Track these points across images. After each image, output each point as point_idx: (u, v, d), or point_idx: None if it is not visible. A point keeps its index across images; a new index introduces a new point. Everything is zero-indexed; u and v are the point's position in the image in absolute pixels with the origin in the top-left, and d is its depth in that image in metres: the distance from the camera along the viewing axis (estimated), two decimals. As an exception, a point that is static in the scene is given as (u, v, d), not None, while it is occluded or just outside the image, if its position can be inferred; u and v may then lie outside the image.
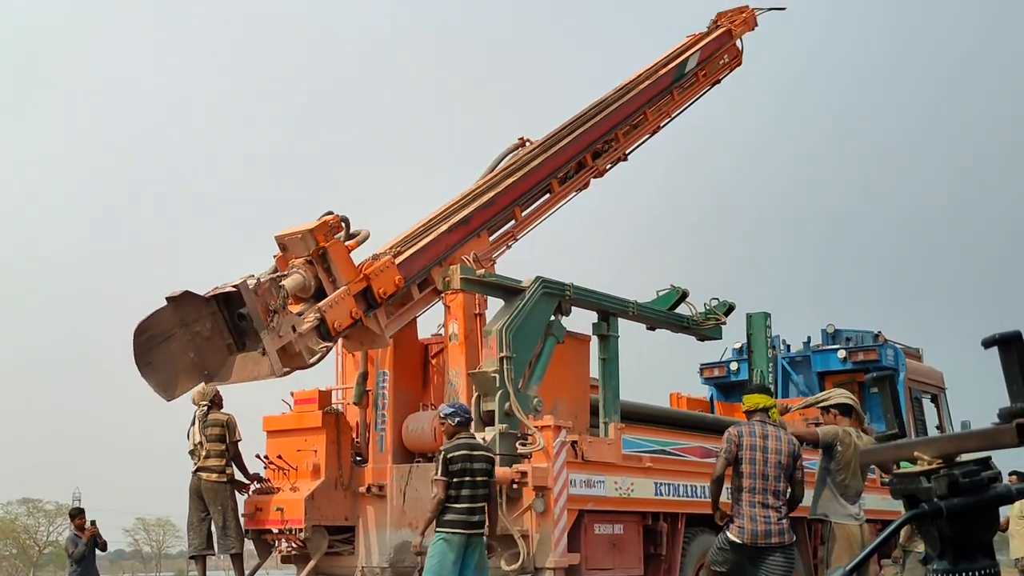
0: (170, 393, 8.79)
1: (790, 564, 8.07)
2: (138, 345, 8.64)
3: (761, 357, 14.72)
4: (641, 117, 13.46)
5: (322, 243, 9.30)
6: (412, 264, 10.15)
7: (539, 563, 9.34)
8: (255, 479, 10.90)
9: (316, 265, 9.37)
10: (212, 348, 8.76)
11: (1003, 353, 2.04)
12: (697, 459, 11.36)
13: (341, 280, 9.37)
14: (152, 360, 8.66)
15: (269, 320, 8.57)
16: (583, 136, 12.55)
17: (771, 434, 8.13)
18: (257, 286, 8.64)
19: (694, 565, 11.01)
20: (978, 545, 2.13)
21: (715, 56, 14.65)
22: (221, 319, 8.75)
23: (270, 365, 8.60)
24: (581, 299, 10.82)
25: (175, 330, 8.69)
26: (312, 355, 9.09)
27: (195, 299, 8.68)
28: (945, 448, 2.15)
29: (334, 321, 9.18)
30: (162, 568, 69.41)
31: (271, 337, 8.57)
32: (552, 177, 12.14)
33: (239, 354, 8.76)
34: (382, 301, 9.64)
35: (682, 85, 14.07)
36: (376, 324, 9.71)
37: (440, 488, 8.57)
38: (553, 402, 10.34)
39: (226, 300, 8.71)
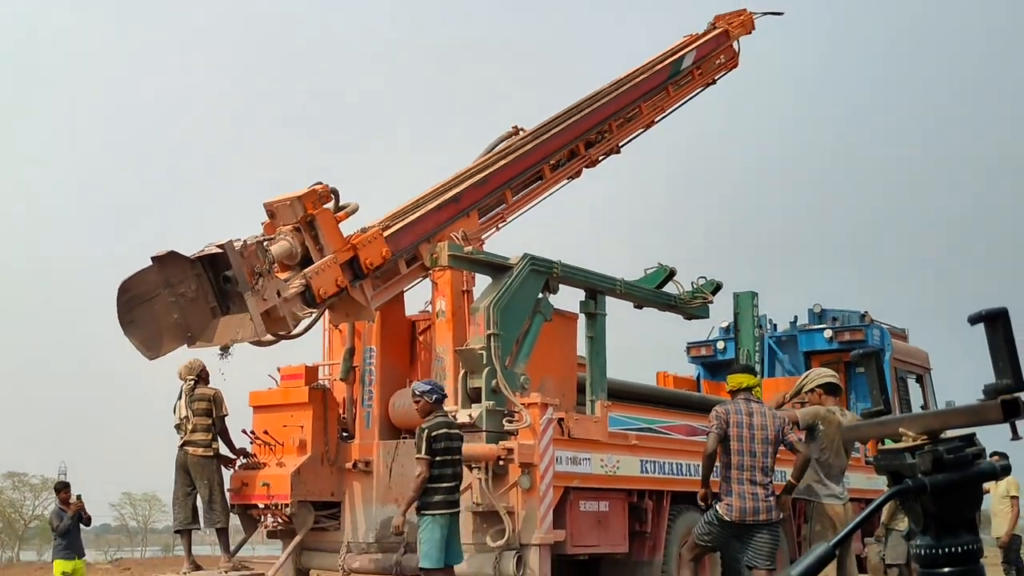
0: (153, 352, 8.78)
1: (775, 541, 8.13)
2: (121, 304, 8.64)
3: (748, 336, 14.77)
4: (635, 110, 13.49)
5: (310, 210, 9.29)
6: (400, 238, 10.14)
7: (524, 539, 9.37)
8: (241, 454, 10.90)
9: (303, 232, 9.36)
10: (196, 310, 8.74)
11: (989, 330, 2.04)
12: (683, 437, 11.40)
13: (328, 248, 9.36)
14: (135, 319, 8.66)
15: (254, 283, 8.57)
16: (576, 125, 12.56)
17: (756, 411, 8.17)
18: (243, 248, 8.64)
19: (679, 542, 11.05)
20: (961, 521, 2.14)
21: (711, 56, 14.69)
22: (206, 281, 8.73)
23: (253, 327, 8.57)
24: (569, 277, 10.83)
25: (159, 290, 8.69)
26: (296, 321, 9.09)
27: (180, 260, 8.66)
28: (930, 424, 2.16)
29: (319, 288, 9.17)
30: (148, 543, 69.46)
31: (255, 300, 8.56)
32: (544, 163, 12.14)
33: (223, 317, 8.74)
34: (368, 272, 9.62)
35: (677, 82, 14.11)
36: (362, 295, 9.70)
37: (425, 467, 8.61)
38: (540, 380, 10.35)
39: (211, 262, 8.69)
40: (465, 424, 9.56)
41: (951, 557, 2.11)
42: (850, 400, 14.96)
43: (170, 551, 55.72)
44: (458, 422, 9.04)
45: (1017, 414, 2.01)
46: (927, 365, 16.53)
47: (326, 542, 10.77)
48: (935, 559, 2.13)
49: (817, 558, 2.07)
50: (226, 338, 8.78)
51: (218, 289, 8.73)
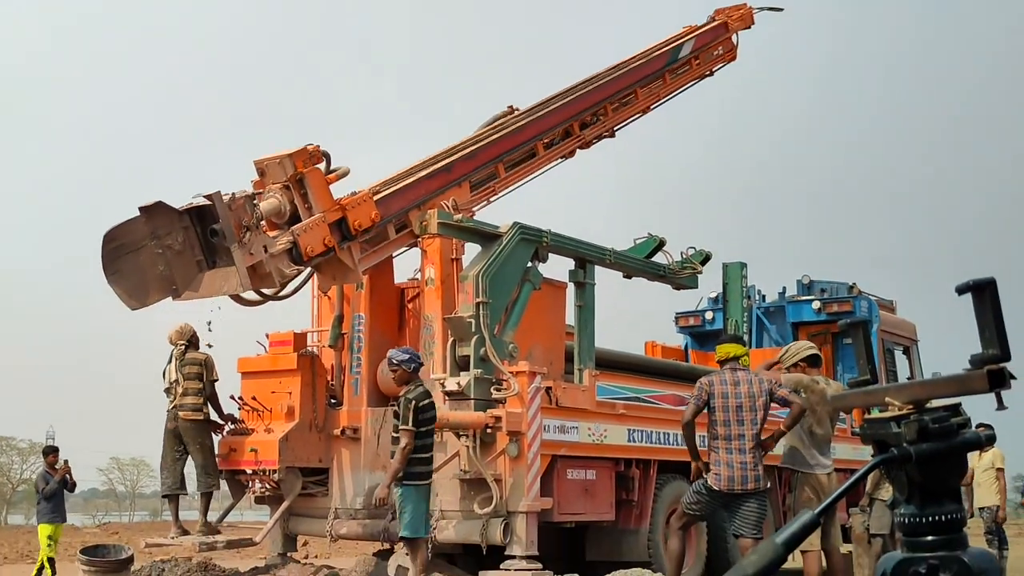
0: (136, 302, 8.78)
1: (763, 510, 8.17)
2: (106, 253, 8.63)
3: (736, 307, 14.79)
4: (631, 95, 13.46)
5: (300, 169, 9.27)
6: (390, 203, 10.12)
7: (512, 507, 9.41)
8: (229, 420, 10.90)
9: (293, 191, 9.34)
10: (182, 263, 8.73)
11: (976, 300, 2.04)
12: (670, 407, 11.44)
13: (317, 208, 9.35)
14: (119, 269, 8.66)
15: (241, 236, 8.56)
16: (571, 105, 12.54)
17: (742, 379, 8.19)
18: (231, 201, 8.63)
19: (665, 511, 11.12)
20: (945, 490, 2.15)
21: (710, 46, 14.68)
22: (193, 234, 8.72)
23: (239, 280, 8.57)
24: (558, 246, 10.82)
25: (146, 241, 8.68)
26: (282, 277, 9.08)
27: (168, 211, 8.64)
28: (916, 394, 2.16)
29: (307, 246, 9.15)
30: (136, 507, 69.63)
31: (242, 253, 8.55)
32: (537, 139, 12.10)
33: (208, 271, 8.74)
34: (357, 233, 9.60)
35: (674, 70, 14.08)
36: (349, 257, 9.69)
37: (411, 438, 8.63)
38: (528, 348, 10.37)
39: (199, 215, 8.68)
40: (453, 392, 9.58)
41: (935, 526, 2.12)
42: (837, 371, 15.01)
43: (158, 516, 55.86)
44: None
45: (1003, 384, 2.01)
46: (914, 337, 16.58)
47: (314, 508, 10.80)
48: (919, 528, 2.14)
49: (801, 526, 2.07)
50: (211, 291, 8.78)
51: (205, 242, 8.72)
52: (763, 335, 15.65)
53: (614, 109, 13.20)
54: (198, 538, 10.33)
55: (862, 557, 12.64)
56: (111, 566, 9.07)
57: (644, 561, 10.48)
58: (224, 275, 8.66)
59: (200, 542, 10.24)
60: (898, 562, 2.14)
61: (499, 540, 9.37)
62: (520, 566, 9.27)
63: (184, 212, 8.65)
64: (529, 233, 10.46)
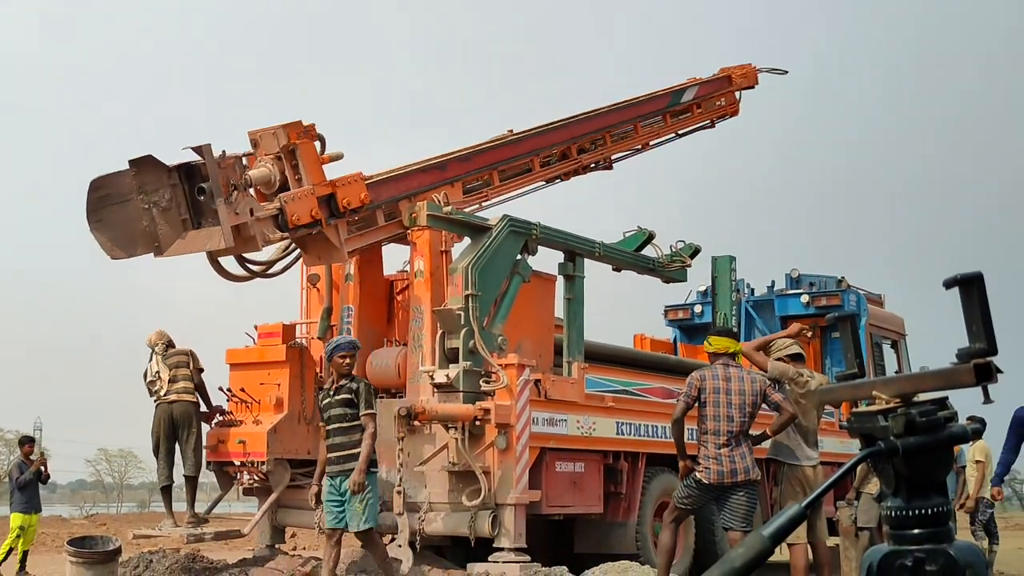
0: (117, 253, 8.83)
1: (753, 501, 8.18)
2: (91, 200, 8.68)
3: (725, 300, 14.78)
4: (631, 129, 13.46)
5: (293, 140, 9.29)
6: (381, 188, 10.13)
7: (500, 499, 9.42)
8: (218, 411, 10.89)
9: (284, 161, 9.36)
10: (167, 220, 8.76)
11: (964, 294, 2.05)
12: (659, 399, 11.46)
13: (307, 180, 9.38)
14: (103, 218, 8.71)
15: (228, 194, 8.60)
16: (570, 127, 12.58)
17: (734, 375, 8.18)
18: (221, 158, 8.69)
19: (653, 503, 11.14)
20: (932, 483, 2.16)
21: (712, 96, 14.72)
22: (181, 192, 8.76)
23: (221, 236, 8.59)
24: (548, 239, 10.83)
25: (132, 195, 8.72)
26: (266, 242, 9.10)
27: (157, 166, 8.68)
28: (903, 387, 2.17)
29: (293, 214, 9.17)
30: (123, 499, 69.44)
31: (227, 210, 8.59)
32: (533, 155, 12.07)
33: (193, 231, 8.79)
34: (345, 211, 9.60)
35: (676, 113, 14.08)
36: (335, 235, 9.70)
37: (376, 423, 8.65)
38: (517, 341, 10.37)
39: (188, 174, 8.73)
40: (442, 384, 9.58)
41: (921, 519, 2.13)
42: (825, 364, 15.05)
43: (146, 507, 55.77)
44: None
45: (989, 378, 2.02)
46: (902, 331, 16.62)
47: (302, 500, 10.76)
48: (905, 520, 2.15)
49: (788, 518, 2.08)
50: (194, 247, 8.82)
51: (191, 202, 8.77)
52: (752, 328, 15.68)
53: (613, 140, 13.18)
54: (186, 530, 10.31)
55: (849, 550, 12.67)
56: (99, 557, 9.05)
57: (632, 554, 10.50)
58: (208, 234, 8.71)
59: (188, 534, 10.23)
60: (884, 555, 2.15)
61: (487, 532, 9.38)
62: (508, 558, 9.28)
63: (173, 169, 8.71)
64: (518, 226, 10.46)
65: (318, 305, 11.12)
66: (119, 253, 8.84)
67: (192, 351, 10.84)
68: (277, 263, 10.48)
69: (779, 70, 15.64)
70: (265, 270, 10.41)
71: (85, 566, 8.94)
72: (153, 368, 10.69)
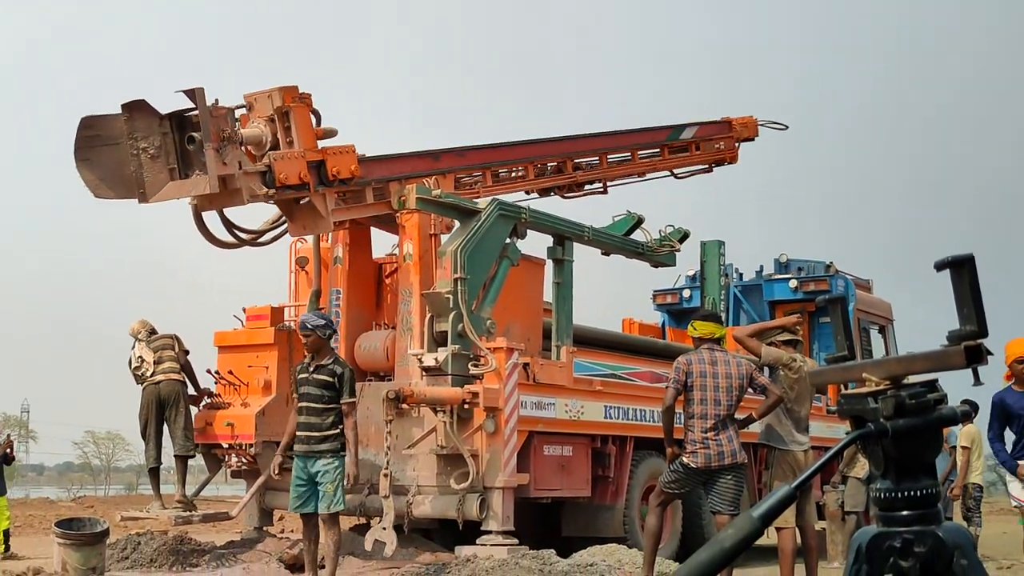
0: (101, 192, 8.89)
1: (740, 484, 8.20)
2: (81, 138, 8.74)
3: (713, 285, 14.81)
4: (629, 156, 13.37)
5: (288, 103, 9.30)
6: (372, 167, 10.13)
7: (488, 482, 9.44)
8: (205, 393, 10.87)
9: (277, 123, 9.36)
10: (154, 168, 8.81)
11: (955, 276, 2.05)
12: (647, 384, 11.48)
13: (299, 144, 9.39)
14: (91, 158, 8.78)
15: (218, 143, 8.62)
16: (567, 142, 12.56)
17: (720, 359, 8.19)
18: (214, 107, 8.69)
19: (641, 487, 11.18)
20: (921, 465, 2.16)
21: (712, 138, 14.63)
22: (171, 141, 8.81)
23: (207, 182, 8.63)
24: (537, 222, 10.82)
25: (122, 139, 8.78)
26: (252, 197, 9.09)
27: (149, 112, 8.74)
28: (893, 370, 2.17)
29: (281, 172, 9.17)
30: (111, 481, 69.40)
31: (216, 158, 8.61)
32: (528, 162, 12.02)
33: (179, 180, 8.85)
34: (334, 180, 9.60)
35: (674, 148, 13.99)
36: (323, 204, 9.70)
37: (357, 410, 8.59)
38: (506, 324, 10.37)
39: (179, 124, 8.78)
40: (431, 367, 9.58)
41: (910, 500, 2.13)
42: (813, 349, 15.08)
43: (134, 489, 55.72)
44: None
45: (979, 360, 2.02)
46: (890, 316, 16.68)
47: (290, 483, 10.78)
48: (894, 502, 2.15)
49: (778, 500, 2.08)
50: (179, 193, 8.88)
51: (180, 152, 8.81)
52: (740, 313, 15.72)
53: (609, 163, 13.09)
54: (174, 512, 10.30)
55: (836, 534, 12.76)
56: (86, 539, 9.03)
57: (619, 537, 10.54)
58: (194, 182, 8.78)
59: (176, 516, 10.22)
60: (873, 536, 2.16)
61: (475, 515, 9.39)
62: (496, 541, 9.30)
63: (165, 117, 8.76)
64: (507, 209, 10.45)
65: (307, 288, 11.11)
66: (104, 193, 8.90)
67: (176, 335, 10.82)
68: (266, 233, 10.49)
69: (780, 125, 15.65)
70: (254, 239, 10.42)
71: (73, 548, 8.92)
72: (136, 354, 10.64)
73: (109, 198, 8.98)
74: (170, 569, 9.64)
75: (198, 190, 8.82)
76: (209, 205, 9.51)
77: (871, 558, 2.14)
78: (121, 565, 9.73)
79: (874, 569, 2.14)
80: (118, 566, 9.66)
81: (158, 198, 8.86)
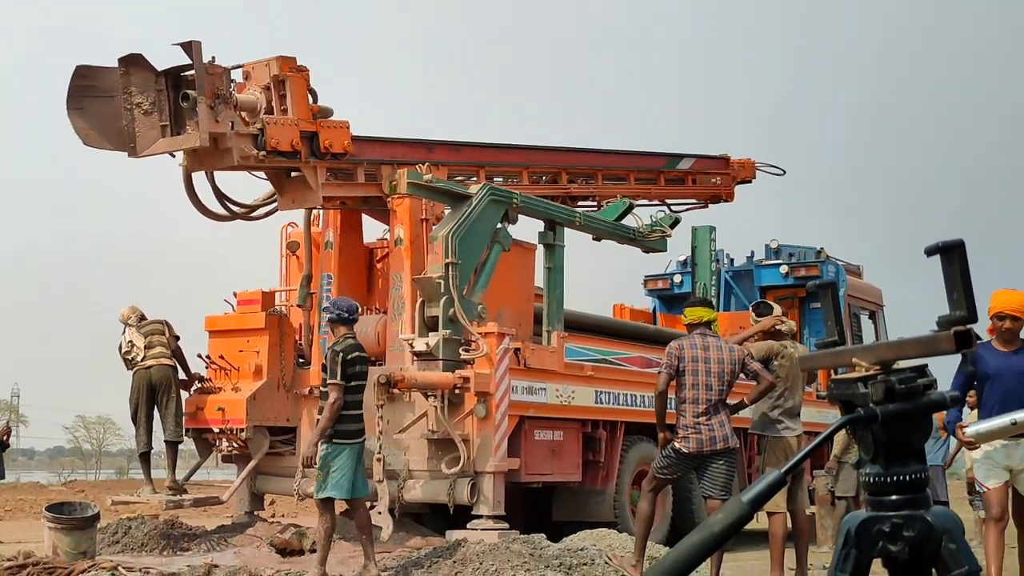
0: (91, 140, 8.95)
1: (731, 469, 8.21)
2: (74, 87, 8.78)
3: (704, 270, 14.83)
4: (625, 177, 13.32)
5: (285, 72, 9.34)
6: (365, 146, 10.15)
7: (479, 467, 9.45)
8: (196, 378, 10.86)
9: (273, 91, 9.38)
10: (147, 124, 8.87)
11: (945, 261, 2.06)
12: (638, 369, 11.50)
13: (294, 113, 9.42)
14: (84, 107, 8.83)
15: (211, 100, 8.67)
16: (564, 154, 12.56)
17: (712, 344, 8.19)
18: (210, 64, 8.73)
19: (631, 472, 11.20)
20: (910, 450, 2.17)
21: (709, 172, 14.59)
22: (165, 98, 8.86)
23: (198, 135, 8.68)
24: (528, 207, 10.80)
25: (117, 93, 8.83)
26: (242, 158, 9.10)
27: (146, 68, 8.80)
28: (883, 355, 2.18)
29: (273, 137, 9.22)
30: (102, 465, 69.32)
31: (209, 114, 8.66)
32: (524, 167, 11.98)
33: (169, 137, 8.92)
34: (326, 153, 9.61)
35: (670, 177, 13.95)
36: (313, 176, 9.74)
37: (339, 393, 8.08)
38: (497, 309, 10.37)
39: (175, 82, 8.83)
40: (422, 352, 9.57)
41: (899, 485, 2.15)
42: (803, 335, 15.10)
43: (124, 474, 55.64)
44: None
45: (969, 345, 2.03)
46: (880, 302, 16.71)
47: (281, 467, 10.80)
48: (883, 487, 2.16)
49: (768, 484, 2.09)
50: (169, 147, 8.95)
51: (174, 111, 8.86)
52: (731, 299, 15.73)
53: (604, 180, 13.03)
54: (165, 496, 10.31)
55: (825, 519, 12.80)
56: (77, 523, 9.03)
57: (610, 521, 10.57)
58: (185, 137, 8.86)
59: (167, 500, 10.22)
60: (863, 520, 2.17)
61: (466, 500, 9.41)
62: (487, 525, 9.31)
63: (161, 74, 8.82)
64: (499, 194, 10.43)
65: (298, 273, 11.10)
66: (94, 141, 8.96)
67: (167, 320, 10.80)
68: (259, 208, 10.49)
69: (777, 169, 15.66)
70: (247, 213, 10.41)
71: (63, 532, 8.92)
72: (127, 338, 10.61)
73: (99, 147, 9.03)
74: (161, 553, 9.64)
75: (189, 144, 8.88)
76: (199, 165, 9.54)
77: (860, 542, 2.16)
78: (112, 549, 9.73)
79: (863, 553, 2.16)
80: (109, 550, 9.66)
81: (148, 152, 8.91)
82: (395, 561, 8.70)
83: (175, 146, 8.99)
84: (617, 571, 8.05)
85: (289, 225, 11.46)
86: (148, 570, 8.13)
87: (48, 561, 8.28)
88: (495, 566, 7.81)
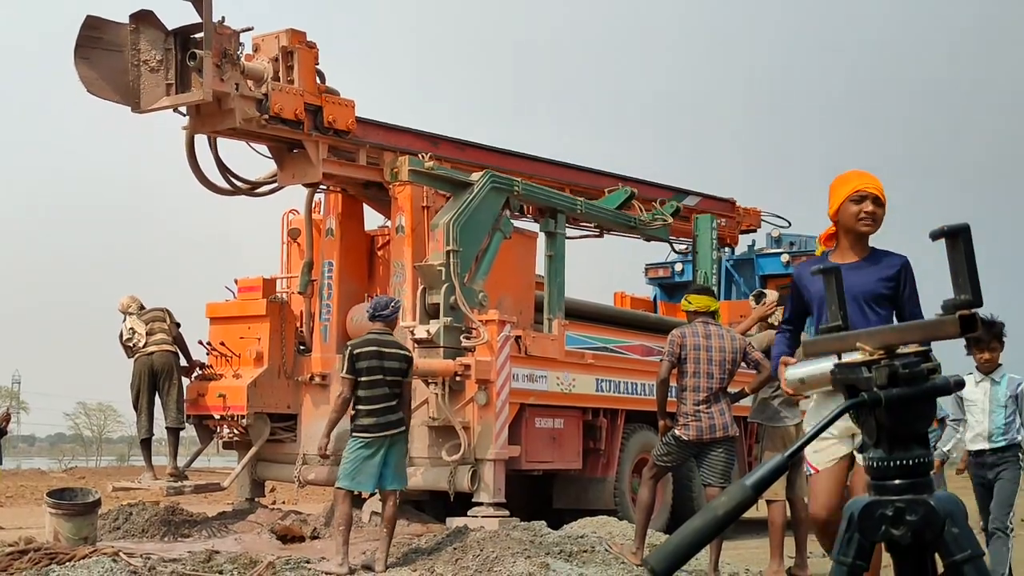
0: (95, 89, 8.99)
1: (731, 457, 8.21)
2: (84, 36, 8.82)
3: (706, 259, 14.82)
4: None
5: (294, 44, 9.39)
6: (369, 129, 10.19)
7: (480, 454, 9.46)
8: (197, 365, 10.86)
9: (280, 63, 9.43)
10: (152, 81, 8.95)
11: (950, 245, 2.05)
12: (639, 357, 11.50)
13: (300, 85, 9.47)
14: (91, 57, 8.87)
15: (218, 58, 8.72)
16: (570, 172, 12.54)
17: (714, 333, 8.18)
18: (220, 24, 8.77)
19: (632, 460, 11.21)
20: (913, 435, 2.17)
21: (714, 212, 14.48)
22: (172, 57, 8.93)
23: (202, 92, 8.76)
24: (529, 196, 10.80)
25: (125, 49, 8.89)
26: (245, 119, 9.12)
27: (155, 25, 8.88)
28: (887, 339, 2.17)
29: (277, 103, 9.28)
30: (103, 452, 69.42)
31: (214, 72, 8.71)
32: (528, 177, 11.90)
33: (173, 95, 8.99)
34: (329, 128, 9.65)
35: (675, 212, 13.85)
36: (315, 150, 9.78)
37: (346, 387, 8.11)
38: (498, 297, 10.37)
39: (184, 42, 8.90)
40: (423, 340, 9.57)
41: (902, 469, 2.14)
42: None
43: (125, 461, 55.72)
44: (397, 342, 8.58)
45: (973, 329, 2.03)
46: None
47: (282, 454, 10.82)
48: (886, 471, 2.16)
49: (770, 469, 2.09)
50: (173, 103, 9.02)
51: (180, 70, 8.92)
52: (731, 287, 15.73)
53: None
54: (165, 483, 10.31)
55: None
56: (78, 509, 9.04)
57: (610, 509, 10.58)
58: (188, 94, 8.92)
59: (167, 487, 10.23)
60: (865, 505, 2.17)
61: (467, 487, 9.42)
62: (487, 513, 9.33)
63: (170, 33, 8.89)
64: (500, 182, 10.42)
65: (299, 260, 11.10)
66: (99, 90, 9.00)
67: (167, 308, 10.79)
68: (263, 185, 10.50)
69: (783, 221, 15.66)
70: (250, 189, 10.42)
71: (65, 518, 8.93)
72: (128, 326, 10.60)
73: (103, 97, 9.07)
74: (162, 539, 9.65)
75: (192, 99, 8.93)
76: (201, 127, 9.57)
77: (863, 527, 2.15)
78: (113, 535, 9.75)
79: (866, 538, 2.16)
80: (110, 536, 9.68)
81: (152, 107, 8.99)
82: (396, 547, 8.71)
83: (179, 102, 9.06)
84: (617, 558, 8.06)
85: (290, 212, 11.46)
86: (149, 556, 8.12)
87: (49, 547, 8.28)
88: (495, 553, 7.81)
